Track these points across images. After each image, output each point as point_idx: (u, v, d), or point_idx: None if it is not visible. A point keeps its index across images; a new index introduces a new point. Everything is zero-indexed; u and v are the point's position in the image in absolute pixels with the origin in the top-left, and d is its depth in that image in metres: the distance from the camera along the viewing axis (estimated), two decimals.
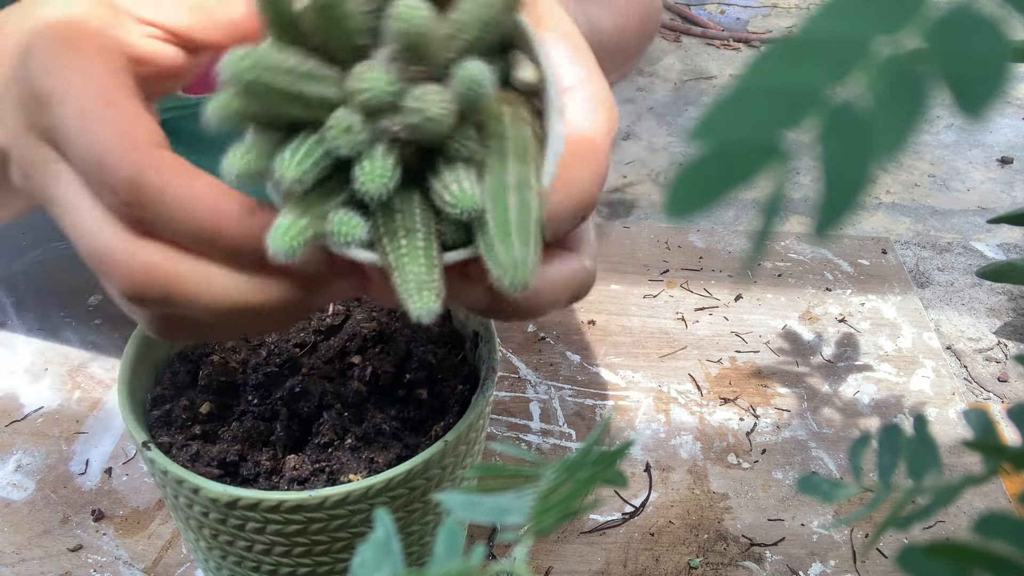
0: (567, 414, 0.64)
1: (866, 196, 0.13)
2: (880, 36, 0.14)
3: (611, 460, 0.20)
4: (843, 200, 0.13)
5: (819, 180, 0.13)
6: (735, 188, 0.14)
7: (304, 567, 0.39)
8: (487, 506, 0.19)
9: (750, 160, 0.14)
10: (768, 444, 0.63)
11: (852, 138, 0.13)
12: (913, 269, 0.96)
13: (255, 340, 0.47)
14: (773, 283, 0.79)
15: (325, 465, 0.41)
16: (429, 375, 0.45)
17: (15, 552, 0.53)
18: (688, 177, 0.14)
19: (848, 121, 0.13)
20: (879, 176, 0.13)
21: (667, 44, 1.69)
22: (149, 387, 0.44)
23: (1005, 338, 0.83)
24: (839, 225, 0.13)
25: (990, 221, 0.41)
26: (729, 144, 0.14)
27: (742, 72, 0.14)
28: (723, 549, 0.55)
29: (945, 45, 0.13)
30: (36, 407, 0.63)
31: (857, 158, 0.13)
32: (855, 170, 0.13)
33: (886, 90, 0.13)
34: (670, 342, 0.72)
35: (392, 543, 0.19)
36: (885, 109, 0.13)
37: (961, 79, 0.13)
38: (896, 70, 0.13)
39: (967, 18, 0.13)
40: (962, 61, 0.13)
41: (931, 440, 0.24)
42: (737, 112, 0.14)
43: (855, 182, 0.13)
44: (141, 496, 0.57)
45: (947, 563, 0.17)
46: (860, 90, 0.13)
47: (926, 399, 0.67)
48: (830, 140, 0.13)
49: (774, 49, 0.14)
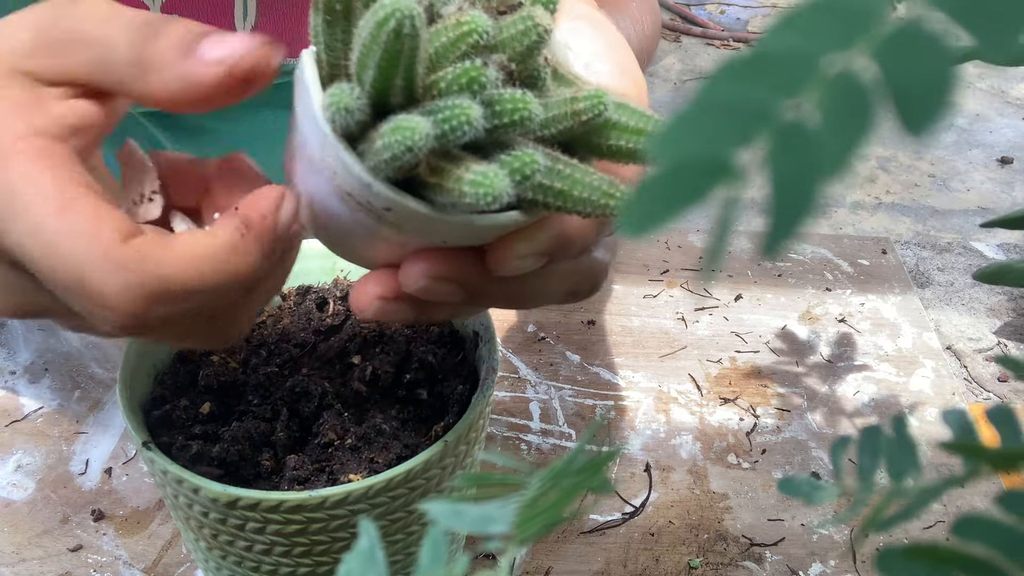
0: (567, 414, 0.64)
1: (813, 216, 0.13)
2: (832, 53, 0.14)
3: (597, 467, 0.20)
4: (791, 219, 0.13)
5: (768, 199, 0.13)
6: (690, 205, 0.14)
7: (304, 567, 0.39)
8: (472, 515, 0.19)
9: (703, 177, 0.14)
10: (768, 444, 0.63)
11: (801, 156, 0.13)
12: (913, 269, 0.96)
13: (255, 340, 0.47)
14: (773, 283, 0.79)
15: (325, 465, 0.41)
16: (429, 375, 0.45)
17: (15, 552, 0.53)
18: (645, 193, 0.14)
19: (797, 139, 0.13)
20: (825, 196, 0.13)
21: (667, 44, 1.69)
22: (149, 387, 0.44)
23: (1005, 338, 0.83)
24: (788, 244, 0.13)
25: (983, 225, 0.41)
26: (682, 161, 0.14)
27: (698, 88, 0.14)
28: (723, 549, 0.55)
29: (892, 63, 0.13)
30: (36, 407, 0.63)
31: (805, 177, 0.13)
32: (803, 189, 0.13)
33: (834, 108, 0.13)
34: (670, 342, 0.72)
35: (376, 552, 0.19)
36: (832, 127, 0.13)
37: (906, 97, 0.13)
38: (845, 87, 0.13)
39: (915, 36, 0.13)
40: (908, 79, 0.13)
41: (911, 441, 0.24)
42: (692, 129, 0.14)
43: (803, 201, 0.13)
44: (141, 496, 0.57)
45: (925, 565, 0.17)
46: (811, 108, 0.13)
47: (926, 399, 0.67)
48: (779, 158, 0.13)
49: (731, 64, 0.14)
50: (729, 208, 0.14)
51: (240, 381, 0.45)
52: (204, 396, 0.44)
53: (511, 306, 0.34)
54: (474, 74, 0.26)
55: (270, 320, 0.49)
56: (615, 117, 0.28)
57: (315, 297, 0.50)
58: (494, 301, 0.33)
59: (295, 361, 0.46)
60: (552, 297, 0.33)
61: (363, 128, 0.27)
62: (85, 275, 0.25)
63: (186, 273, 0.27)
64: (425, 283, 0.30)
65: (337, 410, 0.43)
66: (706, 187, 0.13)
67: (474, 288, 0.31)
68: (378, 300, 0.31)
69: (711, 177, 0.13)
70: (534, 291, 0.32)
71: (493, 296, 0.32)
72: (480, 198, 0.25)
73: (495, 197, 0.25)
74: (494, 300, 0.33)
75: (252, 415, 0.43)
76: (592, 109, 0.27)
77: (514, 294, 0.32)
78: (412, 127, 0.25)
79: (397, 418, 0.43)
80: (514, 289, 0.32)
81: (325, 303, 0.50)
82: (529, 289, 0.32)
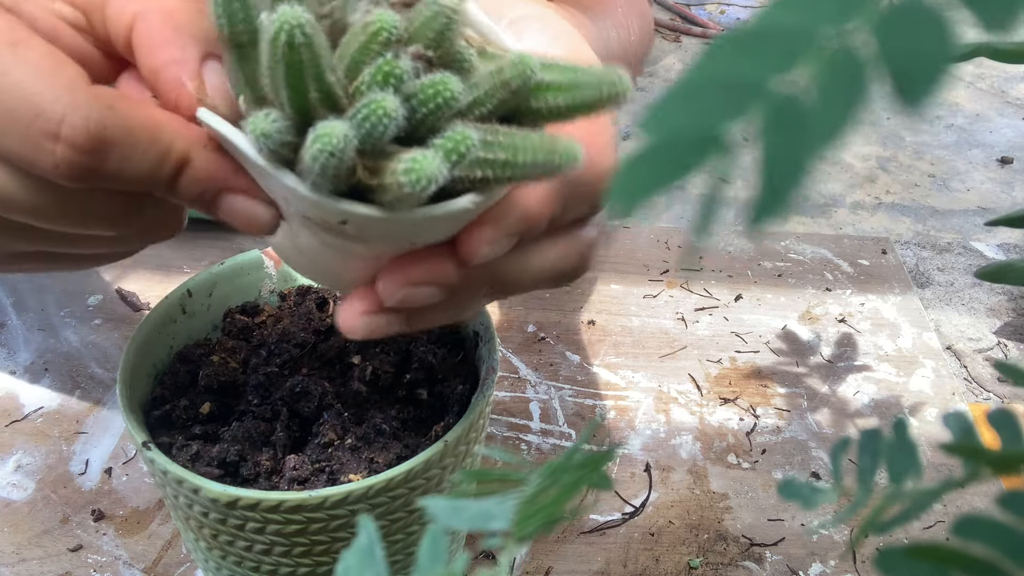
0: (567, 414, 0.64)
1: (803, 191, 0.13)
2: (828, 28, 0.14)
3: (596, 464, 0.20)
4: (781, 193, 0.13)
5: (758, 172, 0.13)
6: (677, 180, 0.14)
7: (304, 567, 0.39)
8: (471, 512, 0.19)
9: (692, 152, 0.13)
10: (768, 444, 0.63)
11: (793, 131, 0.13)
12: (913, 269, 0.96)
13: (255, 340, 0.47)
14: (773, 283, 0.79)
15: (325, 465, 0.41)
16: (429, 375, 0.45)
17: (15, 552, 0.53)
18: (631, 168, 0.14)
19: (791, 113, 0.13)
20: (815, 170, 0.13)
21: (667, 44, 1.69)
22: (149, 387, 0.44)
23: (1005, 338, 0.83)
24: (775, 219, 0.13)
25: (988, 224, 0.41)
26: (672, 136, 0.14)
27: (692, 64, 0.14)
28: (723, 549, 0.55)
29: (891, 37, 0.13)
30: (36, 407, 0.63)
31: (797, 150, 0.13)
32: (794, 163, 0.13)
33: (829, 82, 0.13)
34: (670, 342, 0.72)
35: (375, 549, 0.19)
36: (826, 100, 0.13)
37: (904, 71, 0.13)
38: (841, 62, 0.13)
39: (915, 11, 0.13)
40: (906, 53, 0.13)
41: (911, 443, 0.24)
42: (683, 104, 0.14)
43: (794, 175, 0.13)
44: (141, 496, 0.57)
45: (926, 565, 0.17)
46: (805, 82, 0.13)
47: (926, 399, 0.67)
48: (772, 132, 0.13)
49: (725, 41, 0.14)
50: (716, 183, 0.14)
51: (240, 381, 0.45)
52: (204, 396, 0.44)
53: (499, 295, 0.34)
54: (387, 68, 0.25)
55: (270, 320, 0.49)
56: (546, 78, 0.27)
57: (315, 297, 0.50)
58: (480, 295, 0.33)
59: (295, 361, 0.46)
60: (539, 280, 0.33)
61: (295, 149, 0.26)
62: (43, 99, 0.26)
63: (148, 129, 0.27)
64: (404, 292, 0.30)
65: (337, 410, 0.43)
66: (696, 161, 0.13)
67: (454, 285, 0.30)
68: (365, 316, 0.30)
69: (701, 151, 0.13)
70: (516, 276, 0.32)
71: (476, 290, 0.32)
72: (414, 184, 0.25)
73: (429, 179, 0.25)
74: (479, 294, 0.32)
75: (252, 415, 0.43)
76: (519, 76, 0.26)
77: (497, 282, 0.32)
78: (329, 132, 0.24)
79: (397, 418, 0.43)
80: (495, 277, 0.32)
81: (325, 303, 0.50)
82: (510, 275, 0.32)
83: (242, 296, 0.49)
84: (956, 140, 1.27)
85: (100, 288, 0.73)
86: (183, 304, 0.47)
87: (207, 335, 0.48)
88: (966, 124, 1.32)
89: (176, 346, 0.46)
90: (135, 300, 0.72)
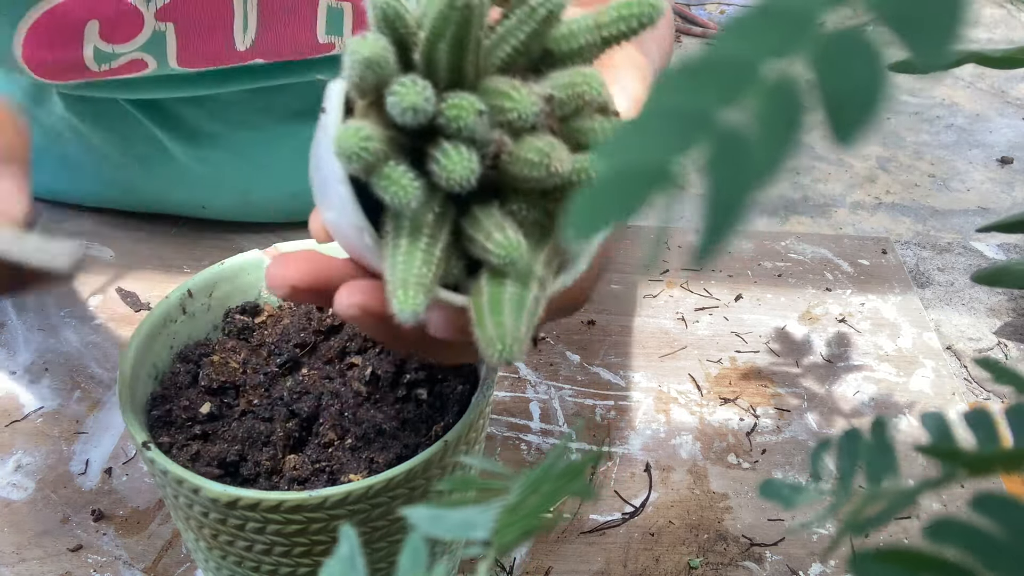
0: (567, 414, 0.64)
1: (744, 223, 0.13)
2: (771, 60, 0.14)
3: (575, 472, 0.20)
4: (724, 225, 0.13)
5: (704, 205, 0.13)
6: (630, 212, 0.14)
7: (304, 567, 0.39)
8: (452, 521, 0.19)
9: (642, 184, 0.14)
10: (768, 444, 0.63)
11: (736, 164, 0.13)
12: (913, 269, 0.96)
13: (255, 340, 0.47)
14: (773, 283, 0.79)
15: (325, 465, 0.41)
16: (429, 375, 0.45)
17: (15, 552, 0.53)
18: (587, 200, 0.14)
19: (734, 146, 0.13)
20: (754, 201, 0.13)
21: None
22: (149, 387, 0.44)
23: (1005, 338, 0.83)
24: (720, 249, 0.13)
25: (979, 230, 0.41)
26: (625, 167, 0.14)
27: (649, 94, 0.15)
28: (723, 549, 0.55)
29: (827, 70, 0.13)
30: (36, 407, 0.63)
31: (740, 184, 0.13)
32: (736, 196, 0.13)
33: (768, 115, 0.13)
34: (670, 342, 0.72)
35: (356, 559, 0.19)
36: (765, 135, 0.13)
37: (837, 105, 0.13)
38: (780, 95, 0.13)
39: (850, 43, 0.13)
40: (840, 87, 0.13)
41: (889, 445, 0.24)
42: (636, 135, 0.14)
43: (736, 208, 0.13)
44: (141, 496, 0.57)
45: (899, 569, 0.17)
46: (747, 115, 0.14)
47: (926, 399, 0.67)
48: (717, 165, 0.13)
49: (677, 72, 0.14)
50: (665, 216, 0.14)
51: (240, 381, 0.45)
52: (204, 396, 0.44)
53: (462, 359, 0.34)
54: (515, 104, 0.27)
55: (270, 320, 0.49)
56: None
57: None
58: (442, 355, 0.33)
59: (295, 361, 0.46)
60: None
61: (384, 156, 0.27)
62: None
63: None
64: (353, 312, 0.30)
65: (337, 410, 0.43)
66: (645, 194, 0.14)
67: (409, 340, 0.31)
68: (354, 308, 0.31)
69: (651, 184, 0.14)
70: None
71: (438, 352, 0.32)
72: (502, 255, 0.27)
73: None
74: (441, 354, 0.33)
75: (252, 415, 0.43)
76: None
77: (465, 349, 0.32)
78: (402, 185, 0.26)
79: (397, 418, 0.43)
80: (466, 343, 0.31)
81: None
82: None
83: (242, 296, 0.49)
84: (956, 140, 1.27)
85: (100, 288, 0.73)
86: (183, 304, 0.47)
87: (207, 335, 0.48)
88: (966, 124, 1.32)
89: (176, 346, 0.46)
90: (135, 300, 0.72)
